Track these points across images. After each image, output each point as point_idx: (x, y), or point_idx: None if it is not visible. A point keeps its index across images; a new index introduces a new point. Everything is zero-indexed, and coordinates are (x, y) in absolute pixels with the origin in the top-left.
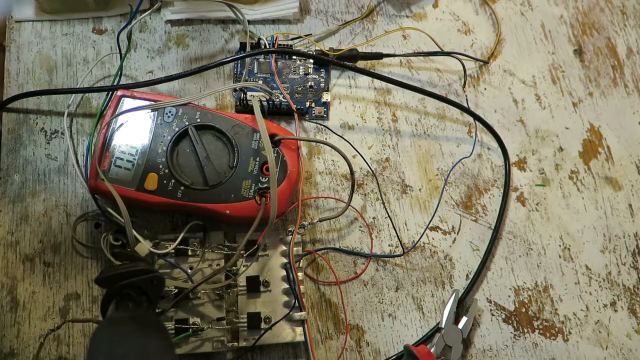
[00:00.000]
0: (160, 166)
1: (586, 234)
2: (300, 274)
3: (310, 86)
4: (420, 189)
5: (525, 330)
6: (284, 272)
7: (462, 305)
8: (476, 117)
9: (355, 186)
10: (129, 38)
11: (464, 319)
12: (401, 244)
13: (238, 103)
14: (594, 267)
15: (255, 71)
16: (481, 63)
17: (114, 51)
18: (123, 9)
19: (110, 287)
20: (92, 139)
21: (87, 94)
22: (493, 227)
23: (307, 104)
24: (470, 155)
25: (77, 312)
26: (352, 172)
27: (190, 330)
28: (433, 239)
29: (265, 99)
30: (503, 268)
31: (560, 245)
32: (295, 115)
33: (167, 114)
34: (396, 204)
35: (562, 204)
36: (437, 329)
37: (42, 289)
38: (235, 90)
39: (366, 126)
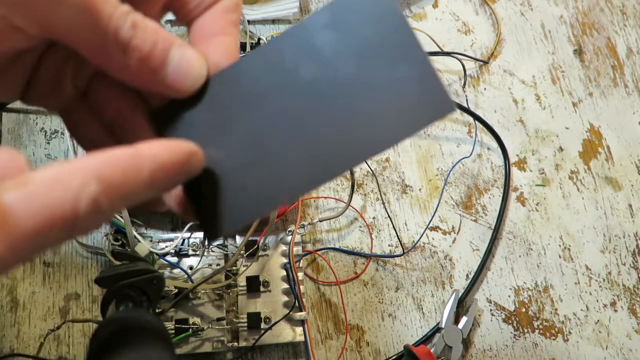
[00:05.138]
0: None
1: (586, 234)
2: (300, 274)
3: None
4: (420, 189)
5: (525, 330)
6: (284, 272)
7: (462, 305)
8: (476, 117)
9: (355, 186)
10: None
11: (464, 319)
12: (401, 244)
13: None
14: (594, 267)
15: None
16: (481, 63)
17: None
18: None
19: (110, 287)
20: None
21: None
22: (493, 227)
23: None
24: (470, 155)
25: (77, 312)
26: (351, 172)
27: (190, 330)
28: (433, 239)
29: None
30: (503, 268)
31: (560, 245)
32: None
33: None
34: (396, 204)
35: (562, 204)
36: (437, 329)
37: (42, 289)
38: None
39: None
